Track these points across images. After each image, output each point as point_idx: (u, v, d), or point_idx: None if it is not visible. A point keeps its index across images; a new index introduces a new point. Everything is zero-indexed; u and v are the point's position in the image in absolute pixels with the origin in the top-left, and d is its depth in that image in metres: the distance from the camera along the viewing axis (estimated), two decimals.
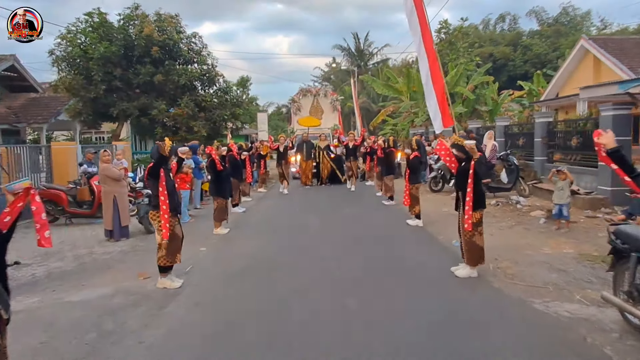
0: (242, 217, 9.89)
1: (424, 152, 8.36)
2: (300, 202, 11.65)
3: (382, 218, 9.31)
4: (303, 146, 14.84)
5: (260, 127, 30.22)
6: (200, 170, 11.29)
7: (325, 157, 14.87)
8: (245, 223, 9.26)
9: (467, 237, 5.32)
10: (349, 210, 10.03)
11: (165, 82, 15.19)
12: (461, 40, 29.11)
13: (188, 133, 15.44)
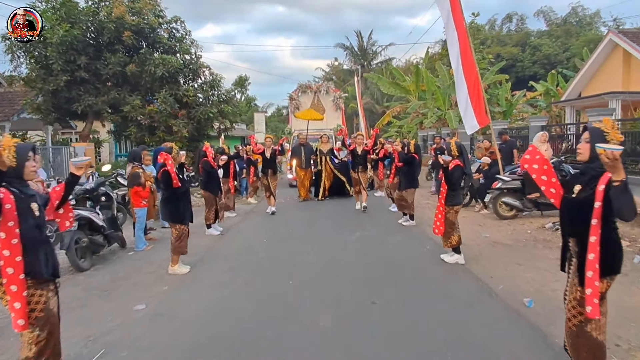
0: (216, 245, 7.29)
1: (467, 161, 5.79)
2: (295, 224, 8.77)
3: (403, 249, 6.69)
4: (300, 150, 11.72)
5: (258, 128, 27.69)
6: None
7: (328, 164, 11.60)
8: (217, 255, 6.66)
9: (577, 326, 2.74)
10: (358, 235, 7.44)
11: (140, 74, 12.66)
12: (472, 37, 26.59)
13: (167, 133, 12.90)
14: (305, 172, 11.84)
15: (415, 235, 7.52)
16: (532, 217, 8.47)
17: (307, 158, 11.71)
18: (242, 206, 11.23)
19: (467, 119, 8.99)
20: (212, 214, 7.98)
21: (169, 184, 5.42)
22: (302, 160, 11.70)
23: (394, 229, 8.02)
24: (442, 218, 5.67)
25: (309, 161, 11.72)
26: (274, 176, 9.93)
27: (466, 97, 8.90)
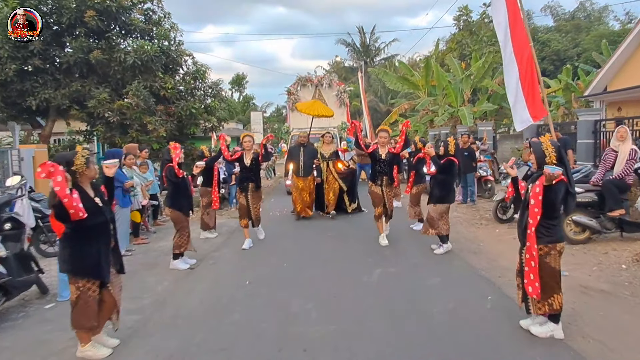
0: (170, 292, 4.94)
1: (569, 172, 3.48)
2: (290, 252, 6.21)
3: (451, 301, 4.25)
4: (299, 152, 8.67)
5: (255, 127, 25.38)
6: (126, 194, 6.46)
7: (332, 172, 8.66)
8: (163, 319, 4.30)
9: None
10: (378, 275, 5.05)
11: (108, 62, 10.37)
12: (484, 28, 24.23)
13: (142, 132, 10.62)
14: (304, 181, 8.56)
15: (461, 272, 5.18)
16: (611, 240, 6.15)
17: (307, 163, 8.56)
18: (228, 221, 8.90)
19: (517, 111, 6.68)
20: (185, 239, 5.67)
21: (62, 215, 3.10)
22: (301, 166, 8.58)
23: (427, 260, 5.67)
24: (536, 268, 3.34)
25: (310, 167, 8.59)
26: (256, 193, 6.54)
27: (516, 82, 6.58)
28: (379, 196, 6.33)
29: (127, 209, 6.53)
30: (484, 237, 6.89)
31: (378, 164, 6.31)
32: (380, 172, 6.30)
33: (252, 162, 6.47)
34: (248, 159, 6.48)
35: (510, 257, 5.66)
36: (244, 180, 6.51)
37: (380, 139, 6.38)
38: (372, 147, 6.37)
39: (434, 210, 5.90)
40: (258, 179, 6.63)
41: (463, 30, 24.51)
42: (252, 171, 6.51)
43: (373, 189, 6.37)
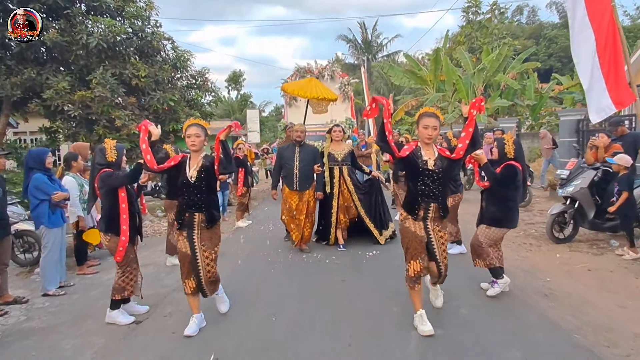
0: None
1: None
2: (284, 305, 3.96)
3: None
4: (294, 155, 5.78)
5: (251, 126, 23.50)
6: (55, 208, 4.61)
7: (346, 183, 5.95)
8: None
9: None
10: (421, 345, 3.12)
11: (68, 45, 8.50)
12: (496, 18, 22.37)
13: (110, 129, 8.76)
14: (299, 196, 5.74)
15: (544, 336, 3.26)
16: None
17: (305, 169, 5.70)
18: None
19: (593, 98, 4.84)
20: (130, 279, 3.79)
21: None
22: (296, 174, 5.69)
23: (482, 311, 3.75)
24: None
25: (309, 176, 5.72)
26: (209, 232, 3.47)
27: (593, 56, 4.73)
28: (419, 241, 3.29)
29: (59, 230, 4.67)
30: (545, 266, 5.02)
31: (420, 179, 3.27)
32: (425, 194, 3.27)
33: (200, 175, 3.36)
34: (193, 168, 3.38)
35: (602, 306, 3.81)
36: (186, 208, 3.39)
37: (424, 132, 3.23)
38: (408, 148, 3.34)
39: (484, 234, 4.03)
40: (211, 205, 3.48)
41: (472, 23, 22.66)
42: (201, 191, 3.39)
43: (409, 227, 3.33)
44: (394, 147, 3.30)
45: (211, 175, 3.41)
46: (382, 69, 21.12)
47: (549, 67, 34.09)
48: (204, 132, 3.40)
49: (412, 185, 3.39)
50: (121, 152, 3.89)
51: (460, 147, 3.28)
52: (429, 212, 3.32)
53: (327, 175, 5.95)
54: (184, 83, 10.30)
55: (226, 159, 3.29)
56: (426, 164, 3.26)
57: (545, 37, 35.75)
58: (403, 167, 3.86)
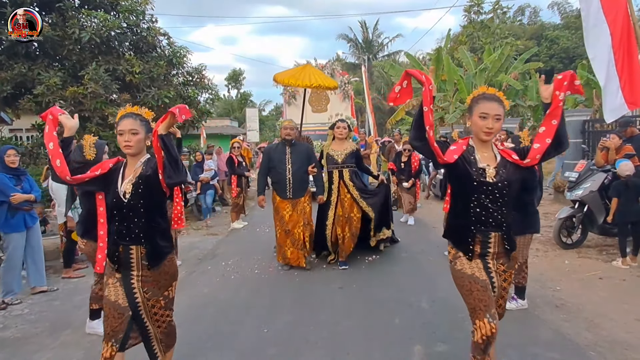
0: None
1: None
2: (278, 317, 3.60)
3: None
4: (284, 155, 4.96)
5: (250, 125, 23.22)
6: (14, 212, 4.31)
7: (346, 187, 5.03)
8: None
9: None
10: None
11: (60, 40, 8.21)
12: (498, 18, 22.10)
13: (103, 127, 8.47)
14: (293, 206, 4.94)
15: (558, 352, 3.02)
16: None
17: (298, 173, 4.92)
18: (201, 241, 6.77)
19: (608, 95, 4.55)
20: None
21: None
22: (288, 179, 4.89)
23: None
24: None
25: (304, 179, 4.98)
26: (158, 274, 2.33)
27: (608, 52, 4.45)
28: (483, 287, 2.16)
29: (19, 235, 4.34)
30: (554, 274, 4.74)
31: (475, 197, 2.18)
32: (482, 220, 2.17)
33: (137, 189, 2.25)
34: (127, 180, 2.28)
35: (619, 319, 3.53)
36: (119, 238, 2.28)
37: (481, 125, 2.14)
38: (456, 149, 2.22)
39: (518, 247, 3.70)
40: (156, 233, 2.31)
41: (474, 22, 22.39)
42: (139, 213, 2.26)
43: (463, 269, 2.23)
44: (436, 149, 2.14)
45: (155, 189, 2.24)
46: (383, 68, 20.89)
47: (550, 67, 33.87)
48: (144, 126, 2.28)
49: (461, 205, 2.23)
50: (101, 150, 3.58)
51: (536, 149, 2.11)
52: (489, 246, 2.18)
53: (325, 180, 5.09)
54: (180, 80, 10.00)
55: (171, 163, 2.15)
56: (484, 174, 2.14)
57: (547, 38, 35.43)
58: (448, 178, 2.59)
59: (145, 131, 2.29)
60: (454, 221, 2.34)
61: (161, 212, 2.38)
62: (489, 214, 2.16)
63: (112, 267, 2.30)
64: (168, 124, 2.14)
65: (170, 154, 2.14)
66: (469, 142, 2.26)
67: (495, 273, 2.24)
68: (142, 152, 2.33)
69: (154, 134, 2.15)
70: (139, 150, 2.28)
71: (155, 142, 2.14)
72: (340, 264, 5.10)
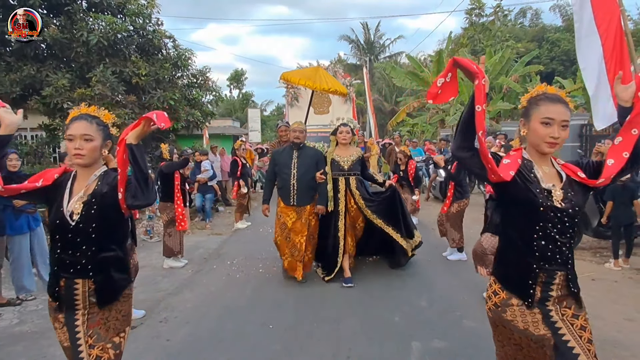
0: None
1: None
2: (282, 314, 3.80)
3: None
4: (291, 160, 4.66)
5: (252, 125, 23.40)
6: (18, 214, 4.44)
7: (353, 196, 4.70)
8: None
9: None
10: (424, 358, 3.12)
11: (68, 42, 8.40)
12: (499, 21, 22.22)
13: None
14: (297, 213, 4.65)
15: None
16: None
17: (304, 178, 4.60)
18: (206, 241, 6.95)
19: (599, 105, 4.72)
20: None
21: None
22: (293, 185, 4.59)
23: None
24: None
25: (311, 187, 4.63)
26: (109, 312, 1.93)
27: (599, 62, 4.62)
28: (537, 346, 1.65)
29: (24, 237, 4.48)
30: None
31: (539, 226, 1.69)
32: (546, 255, 1.67)
33: (89, 210, 1.80)
34: (76, 198, 1.83)
35: (611, 318, 3.72)
36: (60, 270, 1.82)
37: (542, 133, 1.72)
38: (511, 162, 1.73)
39: (490, 242, 3.91)
40: (109, 265, 1.86)
41: (475, 25, 22.52)
42: (90, 239, 1.80)
43: (513, 320, 1.71)
44: (490, 161, 1.64)
45: (111, 210, 1.82)
46: (384, 70, 21.05)
47: (551, 70, 34.00)
48: (102, 132, 1.85)
49: (519, 237, 1.73)
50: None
51: (611, 166, 1.68)
52: (552, 288, 1.68)
53: (330, 188, 4.68)
54: (185, 82, 10.20)
55: (140, 180, 1.75)
56: (550, 197, 1.68)
57: (548, 40, 35.61)
58: (498, 202, 2.14)
59: (103, 138, 1.86)
60: (508, 257, 1.80)
61: (117, 238, 1.92)
62: (556, 248, 1.69)
63: (54, 306, 1.83)
64: (141, 131, 1.74)
65: (140, 169, 1.75)
66: (523, 155, 1.78)
67: (563, 322, 1.65)
68: (97, 163, 1.91)
69: (120, 143, 1.72)
70: (92, 160, 1.85)
71: (120, 153, 1.72)
72: (345, 281, 4.62)
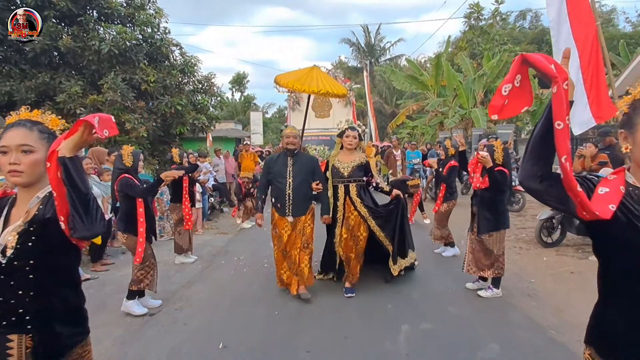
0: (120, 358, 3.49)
1: None
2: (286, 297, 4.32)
3: None
4: (286, 167, 4.35)
5: (255, 128, 23.86)
6: None
7: (358, 207, 4.41)
8: None
9: None
10: (411, 337, 3.49)
11: (81, 51, 8.87)
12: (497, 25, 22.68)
13: (119, 132, 9.09)
14: (292, 224, 4.39)
15: (524, 333, 3.57)
16: None
17: (300, 187, 4.32)
18: (214, 239, 7.39)
19: (576, 111, 5.12)
20: (148, 273, 4.11)
21: None
22: (288, 195, 4.30)
23: (470, 310, 4.07)
24: None
25: (307, 195, 4.41)
26: None
27: (576, 73, 5.03)
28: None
29: None
30: (532, 269, 5.34)
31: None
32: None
33: (25, 242, 1.40)
34: (11, 228, 1.43)
35: (579, 306, 4.11)
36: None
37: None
38: (611, 192, 1.22)
39: (494, 243, 4.28)
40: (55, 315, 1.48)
41: (474, 29, 22.99)
42: (27, 280, 1.41)
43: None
44: (579, 194, 1.18)
45: (56, 242, 1.43)
46: (384, 74, 21.48)
47: None
48: (45, 141, 1.47)
49: (623, 292, 1.30)
50: (137, 158, 4.22)
51: None
52: None
53: (330, 195, 4.51)
54: (191, 87, 10.65)
55: (77, 207, 1.34)
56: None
57: (548, 43, 35.90)
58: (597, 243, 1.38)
59: (45, 146, 1.45)
60: (608, 316, 1.36)
61: (67, 278, 1.54)
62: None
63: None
64: (78, 140, 1.34)
65: (77, 190, 1.32)
66: (627, 179, 1.28)
67: None
68: (41, 181, 1.48)
69: (50, 157, 1.33)
70: (34, 178, 1.46)
71: (52, 169, 1.32)
72: (346, 291, 4.46)
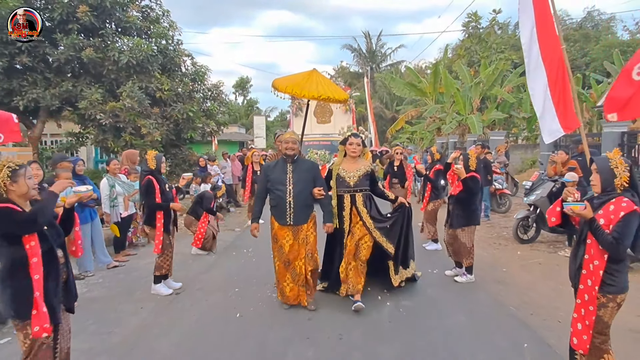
0: (155, 324, 4.20)
1: None
2: None
3: None
4: (285, 174, 4.23)
5: (258, 132, 24.71)
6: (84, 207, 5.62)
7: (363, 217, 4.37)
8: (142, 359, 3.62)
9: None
10: (393, 312, 4.31)
11: (101, 61, 9.68)
12: (493, 35, 23.50)
13: (135, 136, 9.90)
14: (294, 233, 4.28)
15: (488, 309, 4.36)
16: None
17: (301, 194, 4.20)
18: (223, 235, 8.17)
19: (546, 122, 5.91)
20: (168, 260, 4.91)
21: None
22: (289, 202, 4.18)
23: (446, 292, 4.86)
24: (587, 316, 2.56)
25: (307, 204, 4.26)
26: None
27: (544, 89, 5.82)
28: None
29: (86, 226, 5.70)
30: (506, 261, 6.11)
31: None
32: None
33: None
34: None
35: (540, 290, 4.91)
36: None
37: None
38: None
39: (466, 236, 5.04)
40: None
41: (472, 37, 23.82)
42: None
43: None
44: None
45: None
46: (384, 80, 22.30)
47: None
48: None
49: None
50: (159, 161, 4.99)
51: None
52: None
53: (334, 205, 4.43)
54: (201, 95, 11.46)
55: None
56: None
57: None
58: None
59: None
60: None
61: None
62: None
63: None
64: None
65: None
66: None
67: None
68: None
69: None
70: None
71: None
72: (355, 305, 4.24)
